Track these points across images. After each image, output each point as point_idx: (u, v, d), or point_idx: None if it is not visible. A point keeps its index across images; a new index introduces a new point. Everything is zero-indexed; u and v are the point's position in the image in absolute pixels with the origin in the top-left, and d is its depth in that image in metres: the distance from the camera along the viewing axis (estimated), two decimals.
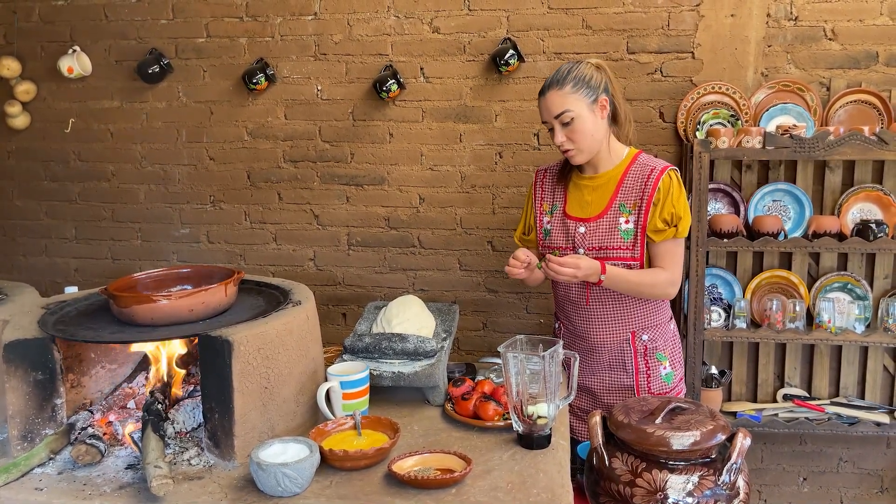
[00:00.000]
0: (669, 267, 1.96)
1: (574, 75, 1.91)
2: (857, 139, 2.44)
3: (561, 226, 2.04)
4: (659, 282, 1.96)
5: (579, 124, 1.91)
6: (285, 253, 3.15)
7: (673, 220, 1.93)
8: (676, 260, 1.98)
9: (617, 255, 1.96)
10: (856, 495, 2.95)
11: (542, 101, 1.95)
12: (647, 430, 1.48)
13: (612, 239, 1.96)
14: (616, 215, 1.96)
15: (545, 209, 2.10)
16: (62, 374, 1.65)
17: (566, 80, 1.90)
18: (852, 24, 2.67)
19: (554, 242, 2.05)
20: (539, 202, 2.12)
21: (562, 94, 1.90)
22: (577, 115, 1.90)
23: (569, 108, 1.90)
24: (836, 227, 2.55)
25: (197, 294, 1.66)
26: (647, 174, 1.96)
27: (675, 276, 1.97)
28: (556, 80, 1.92)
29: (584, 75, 1.91)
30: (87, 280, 3.26)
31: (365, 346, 1.90)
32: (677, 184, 1.95)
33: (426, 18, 2.88)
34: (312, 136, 3.03)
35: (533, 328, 3.01)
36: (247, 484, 1.47)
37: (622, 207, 1.96)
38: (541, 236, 2.11)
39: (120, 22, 3.07)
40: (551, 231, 2.06)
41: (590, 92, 1.91)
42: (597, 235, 1.97)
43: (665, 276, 1.96)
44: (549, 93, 1.92)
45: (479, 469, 1.52)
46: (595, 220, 1.98)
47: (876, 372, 2.77)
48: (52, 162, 3.24)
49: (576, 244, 2.00)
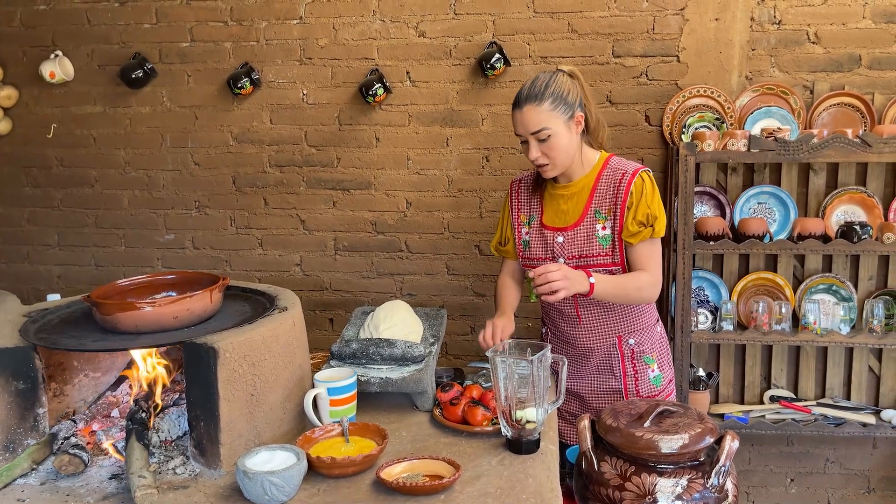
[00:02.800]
0: (649, 268, 1.94)
1: (552, 91, 1.85)
2: (841, 142, 2.46)
3: (539, 237, 2.02)
4: (643, 284, 1.93)
5: (555, 141, 1.86)
6: (271, 258, 3.13)
7: (648, 221, 1.90)
8: (655, 261, 1.95)
9: (597, 262, 1.94)
10: (843, 496, 2.97)
11: (517, 114, 1.88)
12: (635, 434, 1.48)
13: (590, 247, 1.95)
14: (592, 222, 1.94)
15: (522, 220, 2.07)
16: (44, 383, 1.63)
17: (544, 95, 1.84)
18: (835, 27, 2.69)
19: (534, 253, 2.03)
20: (516, 213, 2.09)
21: (539, 111, 1.84)
22: (554, 132, 1.85)
23: (546, 125, 1.85)
24: (821, 229, 2.57)
25: (182, 301, 1.64)
26: (618, 179, 1.92)
27: (655, 277, 1.94)
28: (534, 95, 1.85)
29: (562, 91, 1.86)
30: (70, 287, 3.23)
31: (352, 352, 1.89)
32: (650, 184, 1.92)
33: (412, 22, 2.88)
34: (298, 140, 3.02)
35: (521, 332, 3.00)
36: (233, 493, 1.45)
37: (598, 214, 1.94)
38: (520, 248, 2.08)
39: (103, 26, 3.04)
40: (530, 242, 2.04)
41: (567, 108, 1.86)
42: (575, 244, 1.96)
43: (647, 277, 1.93)
44: (526, 107, 1.86)
45: (467, 475, 1.51)
46: (572, 229, 1.96)
47: (861, 373, 2.80)
48: (34, 168, 3.20)
49: (555, 254, 1.98)
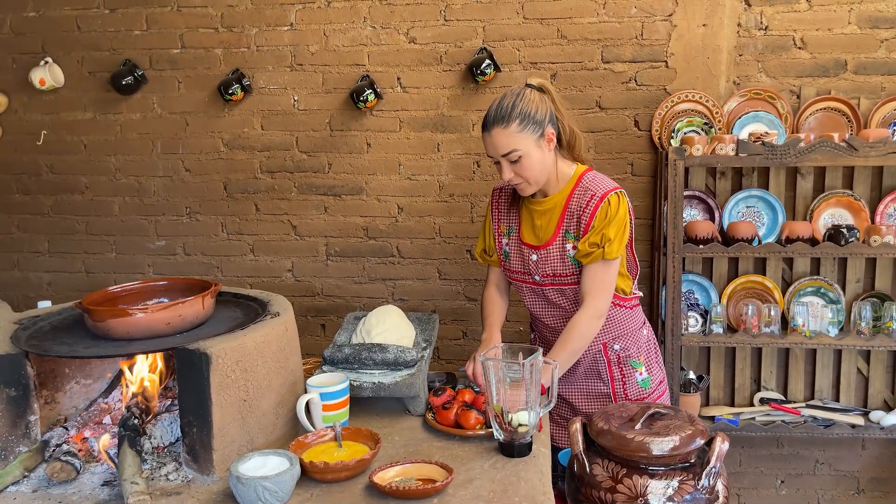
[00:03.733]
0: (592, 293, 1.88)
1: (519, 111, 1.82)
2: (828, 146, 2.48)
3: (517, 251, 2.02)
4: (582, 332, 1.88)
5: (527, 161, 1.84)
6: (263, 264, 3.13)
7: (602, 242, 1.85)
8: (602, 286, 1.89)
9: (570, 282, 1.94)
10: (833, 497, 2.98)
11: (486, 137, 1.86)
12: (627, 436, 1.48)
13: (563, 266, 1.94)
14: (563, 242, 1.93)
15: (503, 230, 2.06)
16: (36, 391, 1.62)
17: (511, 116, 1.81)
18: (821, 33, 2.72)
19: (513, 266, 2.04)
20: (497, 223, 2.08)
21: (507, 134, 1.82)
22: (524, 153, 1.83)
23: (515, 147, 1.82)
24: (809, 232, 2.59)
25: (173, 307, 1.64)
26: (586, 201, 1.89)
27: (595, 308, 1.88)
28: (501, 117, 1.82)
29: (529, 110, 1.82)
30: (61, 294, 3.21)
31: (345, 357, 1.89)
32: (615, 208, 1.87)
33: (402, 29, 2.89)
34: (289, 146, 3.02)
35: (512, 336, 3.02)
36: (226, 498, 1.45)
37: (567, 234, 1.93)
38: (501, 258, 2.07)
39: (93, 33, 3.04)
40: (510, 254, 2.04)
41: (536, 128, 1.83)
42: (548, 263, 1.95)
43: (582, 322, 1.88)
44: (494, 130, 1.83)
45: (460, 478, 1.52)
46: (545, 248, 1.96)
47: (850, 374, 2.82)
48: (24, 174, 3.19)
49: (531, 271, 1.99)
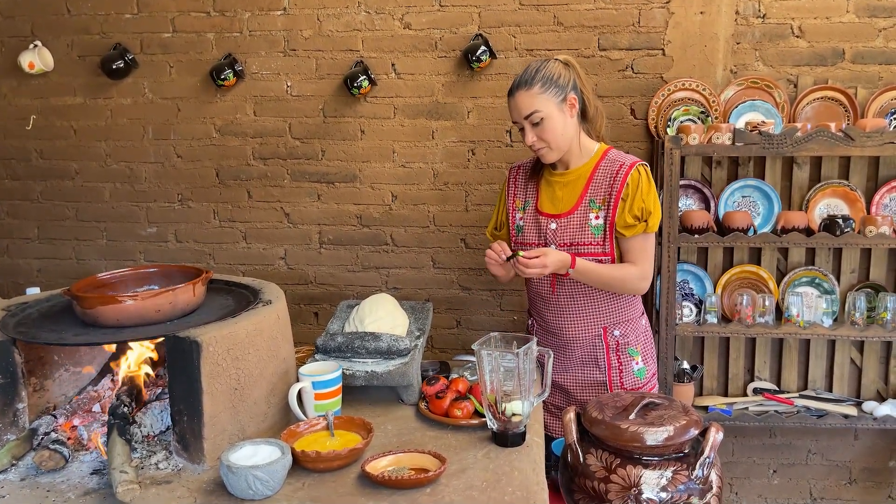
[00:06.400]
0: (639, 262, 1.97)
1: (542, 75, 1.90)
2: (824, 135, 2.47)
3: (533, 222, 2.05)
4: (628, 276, 1.96)
5: (549, 124, 1.91)
6: (255, 252, 3.10)
7: (643, 216, 1.93)
8: (647, 255, 1.98)
9: (588, 251, 1.97)
10: (825, 486, 3.00)
11: (511, 101, 1.96)
12: (621, 426, 1.48)
13: (582, 235, 1.97)
14: (586, 211, 1.97)
15: (518, 205, 2.11)
16: (24, 378, 1.60)
17: (534, 80, 1.90)
18: (819, 21, 2.70)
19: (526, 238, 2.06)
20: (512, 198, 2.13)
21: (530, 95, 1.90)
22: (546, 115, 1.91)
23: (537, 108, 1.90)
24: (804, 222, 2.58)
25: (164, 294, 1.62)
26: (615, 170, 1.96)
27: (645, 270, 1.98)
28: (525, 81, 1.92)
29: (552, 74, 1.91)
30: (51, 281, 3.19)
31: (337, 346, 1.88)
32: (646, 179, 1.95)
33: (397, 14, 2.86)
34: (282, 132, 2.99)
35: (507, 325, 3.01)
36: (217, 487, 1.44)
37: (592, 203, 1.97)
38: (513, 232, 2.11)
39: (83, 16, 2.99)
40: (523, 227, 2.07)
41: (558, 91, 1.91)
42: (568, 231, 1.98)
43: (634, 270, 1.97)
44: (518, 93, 1.92)
45: (453, 468, 1.51)
46: (566, 217, 1.99)
47: (843, 365, 2.82)
48: (13, 160, 3.15)
49: (547, 240, 2.01)
